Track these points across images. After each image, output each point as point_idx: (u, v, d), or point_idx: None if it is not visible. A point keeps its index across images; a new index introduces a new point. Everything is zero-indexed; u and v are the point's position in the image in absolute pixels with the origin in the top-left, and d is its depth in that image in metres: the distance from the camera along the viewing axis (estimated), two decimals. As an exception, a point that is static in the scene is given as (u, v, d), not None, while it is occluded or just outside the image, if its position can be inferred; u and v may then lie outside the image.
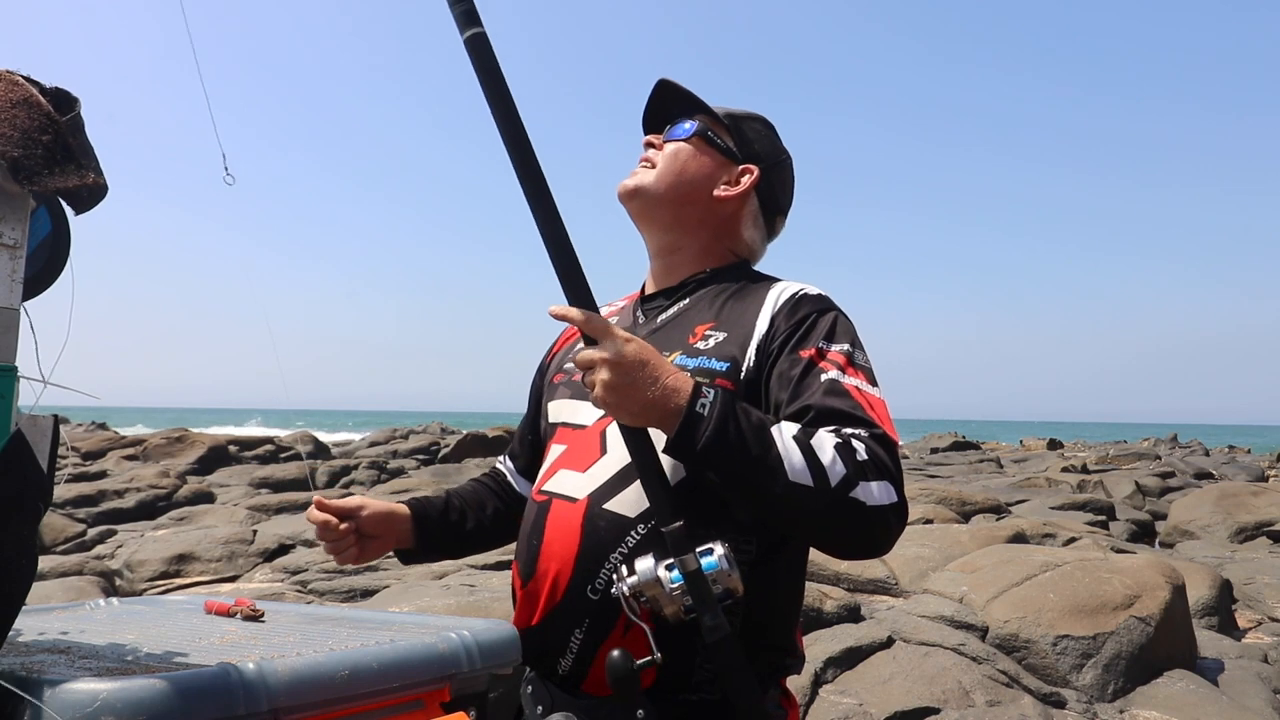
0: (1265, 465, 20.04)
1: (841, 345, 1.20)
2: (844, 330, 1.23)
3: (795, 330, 1.21)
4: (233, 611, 1.19)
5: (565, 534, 1.22)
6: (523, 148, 1.15)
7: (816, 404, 1.12)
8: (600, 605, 1.18)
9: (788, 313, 1.23)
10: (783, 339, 1.20)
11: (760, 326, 1.24)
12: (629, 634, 1.16)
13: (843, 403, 1.12)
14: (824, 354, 1.18)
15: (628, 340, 1.09)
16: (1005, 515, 8.13)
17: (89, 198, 0.73)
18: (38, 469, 0.71)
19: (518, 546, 1.32)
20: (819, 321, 1.22)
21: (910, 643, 3.80)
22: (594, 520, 1.20)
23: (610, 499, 1.20)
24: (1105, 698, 3.64)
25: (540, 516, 1.26)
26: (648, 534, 1.16)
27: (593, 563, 1.18)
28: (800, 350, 1.18)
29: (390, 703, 0.91)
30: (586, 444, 1.27)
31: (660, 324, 1.34)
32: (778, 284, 1.31)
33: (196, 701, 0.72)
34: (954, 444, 25.70)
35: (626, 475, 1.20)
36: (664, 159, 1.38)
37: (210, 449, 13.75)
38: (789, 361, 1.18)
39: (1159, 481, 12.98)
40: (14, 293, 0.71)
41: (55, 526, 7.68)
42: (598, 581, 1.18)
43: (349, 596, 5.44)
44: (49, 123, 0.70)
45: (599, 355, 1.08)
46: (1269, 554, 7.21)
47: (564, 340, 1.51)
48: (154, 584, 6.22)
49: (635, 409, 1.07)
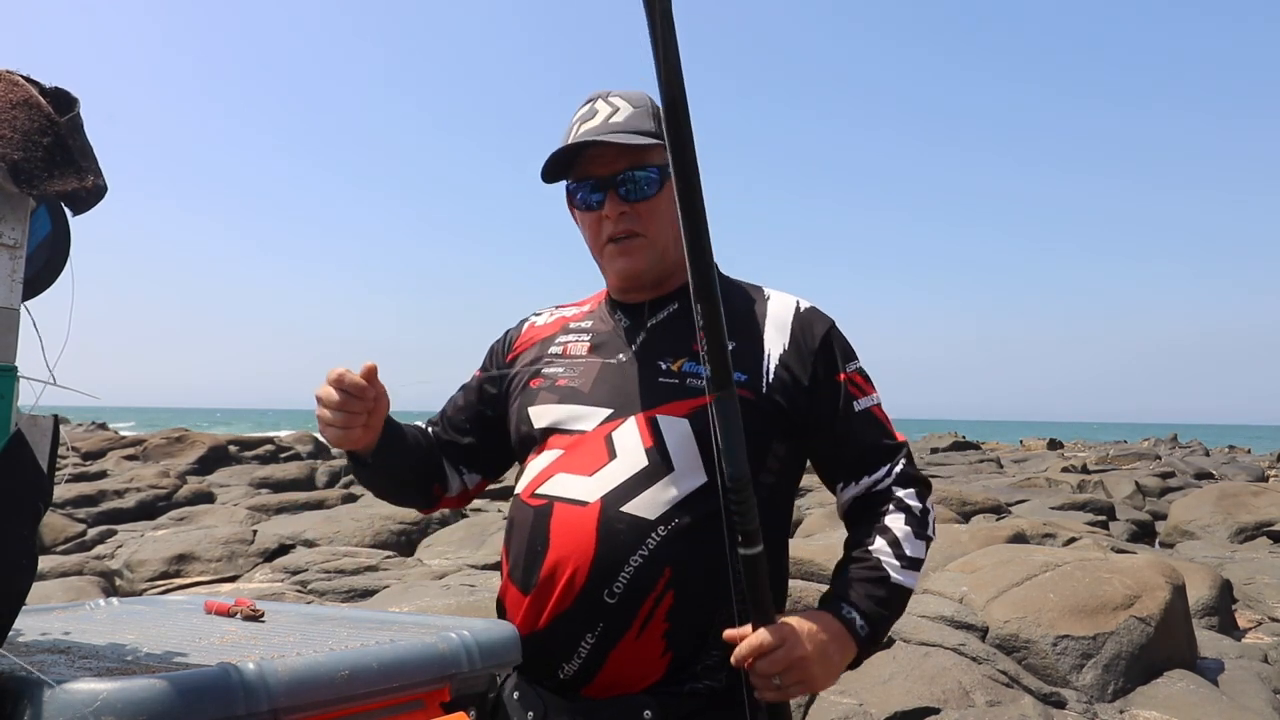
0: (1265, 465, 20.04)
1: (854, 363, 1.35)
2: (847, 343, 1.37)
3: (820, 354, 1.32)
4: (233, 611, 1.19)
5: (578, 538, 1.21)
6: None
7: (865, 443, 1.32)
8: (616, 608, 1.18)
9: (805, 332, 1.33)
10: (812, 362, 1.31)
11: (774, 342, 1.32)
12: (642, 636, 1.19)
13: (878, 434, 1.33)
14: (851, 379, 1.33)
15: (793, 642, 1.14)
16: (1005, 515, 8.13)
17: (87, 199, 0.73)
18: (38, 469, 0.71)
19: (513, 552, 1.30)
20: (833, 341, 1.34)
21: (910, 643, 3.80)
22: (611, 523, 1.20)
23: (627, 502, 1.20)
24: (1105, 698, 3.64)
25: (542, 521, 1.25)
26: (669, 535, 1.18)
27: (611, 566, 1.18)
28: (835, 375, 1.32)
29: (390, 703, 0.91)
30: (589, 449, 1.26)
31: (652, 327, 1.34)
32: (770, 295, 1.38)
33: (196, 701, 0.72)
34: (954, 444, 25.68)
35: (644, 478, 1.21)
36: (653, 224, 1.31)
37: (210, 449, 13.74)
38: (829, 388, 1.31)
39: (1159, 481, 12.99)
40: (14, 293, 0.71)
41: (55, 526, 7.68)
42: (615, 585, 1.18)
43: (349, 596, 5.44)
44: (49, 124, 0.70)
45: (787, 658, 1.13)
46: (1269, 554, 7.20)
47: (526, 341, 1.48)
48: (154, 584, 6.22)
49: (830, 677, 1.18)
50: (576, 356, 1.36)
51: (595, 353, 1.35)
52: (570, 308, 1.50)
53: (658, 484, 1.20)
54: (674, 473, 1.21)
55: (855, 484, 1.33)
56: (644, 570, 1.18)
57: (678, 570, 1.19)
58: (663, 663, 1.20)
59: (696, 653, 1.20)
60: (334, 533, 7.12)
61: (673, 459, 1.22)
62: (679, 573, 1.19)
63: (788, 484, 1.33)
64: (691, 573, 1.19)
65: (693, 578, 1.19)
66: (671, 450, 1.22)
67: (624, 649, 1.19)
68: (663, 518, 1.19)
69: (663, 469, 1.22)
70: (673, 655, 1.20)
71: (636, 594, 1.18)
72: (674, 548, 1.18)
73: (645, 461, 1.22)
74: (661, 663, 1.20)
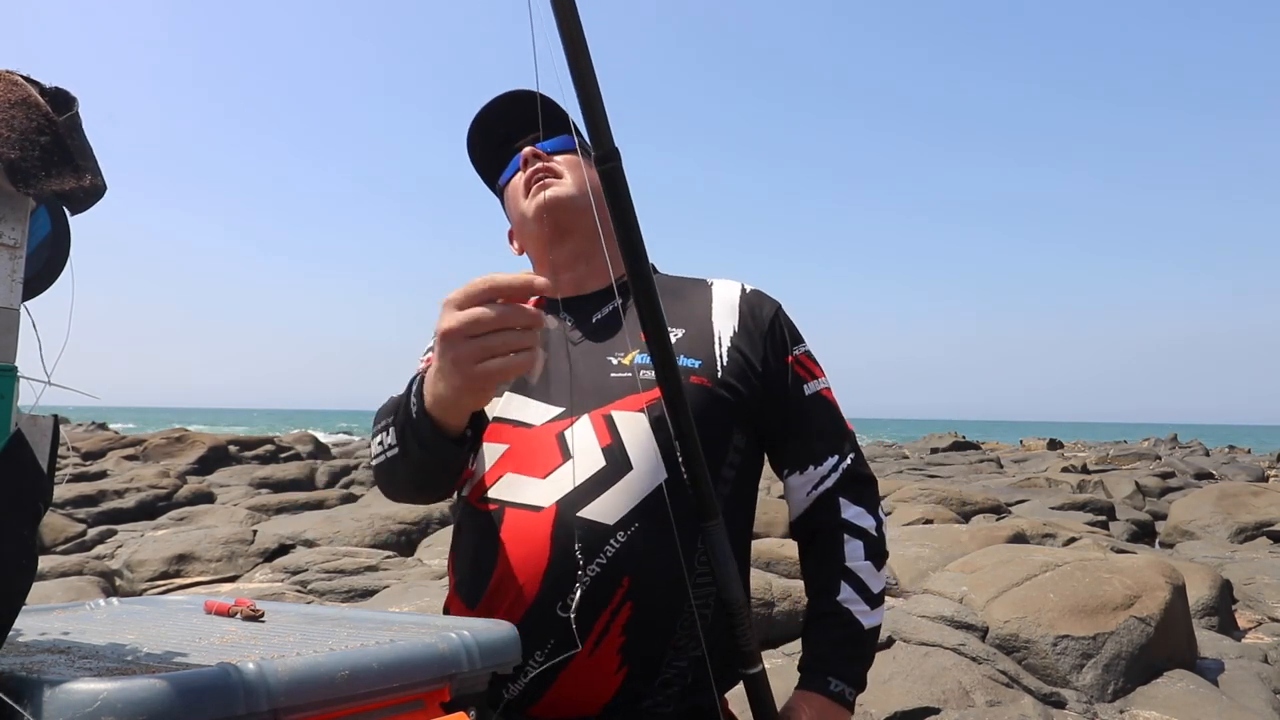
0: (1265, 465, 20.04)
1: (802, 345, 1.33)
2: (794, 324, 1.35)
3: (770, 335, 1.29)
4: (233, 611, 1.19)
5: (530, 547, 1.13)
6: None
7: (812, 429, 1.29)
8: (568, 623, 1.09)
9: (753, 314, 1.30)
10: (762, 344, 1.28)
11: (722, 326, 1.28)
12: (596, 652, 1.11)
13: (825, 419, 1.30)
14: (800, 360, 1.31)
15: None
16: (1005, 515, 8.14)
17: (86, 198, 0.73)
18: (38, 469, 0.71)
19: (459, 561, 1.24)
20: (781, 323, 1.32)
21: (910, 643, 3.80)
22: (567, 530, 1.11)
23: (584, 506, 1.13)
24: (1105, 698, 3.64)
25: (491, 528, 1.17)
26: (629, 541, 1.12)
27: (564, 576, 1.10)
28: (785, 357, 1.30)
29: (390, 703, 0.91)
30: (539, 447, 1.18)
31: (596, 323, 1.29)
32: (714, 282, 1.36)
33: (196, 701, 0.72)
34: (954, 444, 25.70)
35: (602, 480, 1.14)
36: (569, 169, 1.31)
37: (210, 449, 13.75)
38: (779, 371, 1.29)
39: (1159, 482, 12.99)
40: (14, 293, 0.71)
41: (55, 526, 7.68)
42: (569, 598, 1.09)
43: (349, 596, 5.44)
44: (47, 123, 0.70)
45: None
46: (1269, 554, 7.21)
47: None
48: (154, 584, 6.22)
49: None
50: None
51: (543, 345, 1.31)
52: None
53: (617, 485, 1.13)
54: (633, 472, 1.14)
55: (800, 473, 1.28)
56: (601, 580, 1.10)
57: (637, 579, 1.11)
58: (616, 679, 1.12)
59: (655, 668, 1.13)
60: (334, 533, 7.12)
61: (631, 458, 1.14)
62: (639, 581, 1.11)
63: (750, 475, 1.27)
64: (652, 580, 1.12)
65: (653, 585, 1.12)
66: (629, 448, 1.15)
67: (576, 667, 1.11)
68: (622, 522, 1.11)
69: (622, 469, 1.14)
70: (628, 671, 1.12)
71: (592, 607, 1.10)
72: (634, 554, 1.10)
73: (603, 462, 1.14)
74: (615, 680, 1.12)
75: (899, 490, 9.12)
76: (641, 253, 0.99)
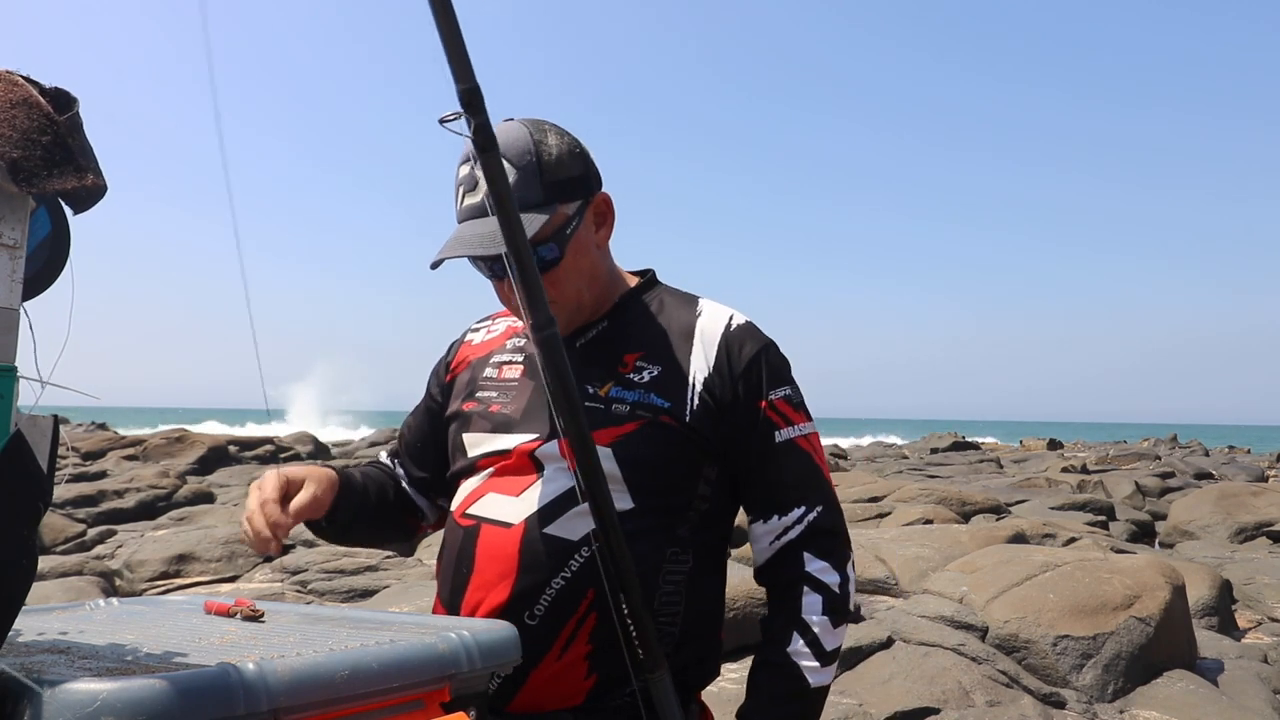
0: (1265, 465, 20.05)
1: (782, 389, 1.28)
2: (781, 366, 1.30)
3: (745, 377, 1.26)
4: (233, 611, 1.19)
5: (500, 560, 1.21)
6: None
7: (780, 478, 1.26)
8: (538, 631, 1.18)
9: (730, 354, 1.27)
10: (734, 385, 1.25)
11: (698, 365, 1.26)
12: (564, 657, 1.19)
13: (797, 469, 1.26)
14: (775, 405, 1.27)
15: None
16: (1005, 515, 8.13)
17: (87, 198, 0.73)
18: (38, 469, 0.71)
19: (441, 573, 1.30)
20: (762, 364, 1.27)
21: (910, 643, 3.80)
22: (533, 545, 1.20)
23: (551, 523, 1.20)
24: (1105, 698, 3.64)
25: (468, 542, 1.25)
26: (592, 557, 1.15)
27: (532, 587, 1.18)
28: (757, 401, 1.26)
29: (390, 703, 0.91)
30: (514, 468, 1.26)
31: (581, 347, 1.29)
32: (703, 309, 1.32)
33: (196, 701, 0.72)
34: (954, 444, 25.70)
35: (568, 498, 1.19)
36: (561, 289, 1.24)
37: (210, 449, 13.74)
38: (748, 415, 1.26)
39: (1159, 482, 12.99)
40: (14, 293, 0.71)
41: (55, 526, 7.67)
42: (536, 607, 1.18)
43: (349, 596, 5.44)
44: (48, 123, 0.70)
45: None
46: (1269, 554, 7.21)
47: (461, 362, 1.43)
48: (154, 584, 6.22)
49: None
50: (509, 380, 1.33)
51: (529, 375, 1.31)
52: (491, 321, 1.47)
53: (582, 504, 1.14)
54: None
55: (764, 521, 1.27)
56: (566, 592, 1.18)
57: (601, 593, 1.15)
58: (586, 685, 1.20)
59: (624, 675, 1.15)
60: (334, 533, 7.12)
61: None
62: (603, 595, 1.15)
63: (724, 503, 1.30)
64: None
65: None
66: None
67: (545, 670, 1.18)
68: (586, 539, 1.18)
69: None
70: (597, 677, 1.19)
71: (558, 616, 1.18)
72: (597, 570, 1.13)
73: (570, 482, 1.18)
74: (585, 685, 1.20)
75: (899, 490, 9.12)
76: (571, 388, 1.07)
